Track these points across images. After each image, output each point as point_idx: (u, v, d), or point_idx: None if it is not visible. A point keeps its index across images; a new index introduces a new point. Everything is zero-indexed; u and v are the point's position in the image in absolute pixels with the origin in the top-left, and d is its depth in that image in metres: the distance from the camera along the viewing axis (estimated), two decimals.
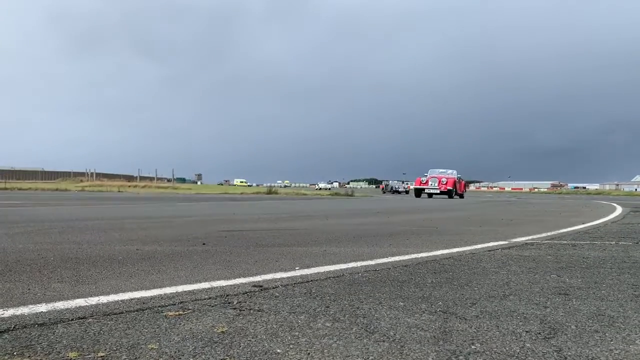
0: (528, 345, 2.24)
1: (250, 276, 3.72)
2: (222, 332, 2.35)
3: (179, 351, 2.08)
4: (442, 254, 5.12)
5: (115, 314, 2.62)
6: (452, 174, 33.30)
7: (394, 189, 57.32)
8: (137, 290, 3.19)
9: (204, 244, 5.61)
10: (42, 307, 2.71)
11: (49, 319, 2.50)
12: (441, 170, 33.85)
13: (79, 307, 2.74)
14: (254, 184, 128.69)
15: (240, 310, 2.75)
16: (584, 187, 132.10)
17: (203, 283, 3.43)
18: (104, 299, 2.94)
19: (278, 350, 2.12)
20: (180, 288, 3.26)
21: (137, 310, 2.70)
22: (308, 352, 2.11)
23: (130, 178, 68.64)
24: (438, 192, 32.08)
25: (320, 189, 57.34)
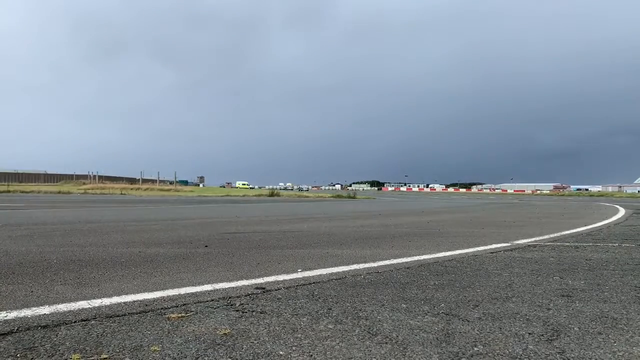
0: (531, 347, 2.24)
1: (253, 278, 3.72)
2: (225, 334, 2.35)
3: (181, 353, 2.09)
4: (444, 256, 5.11)
5: (118, 316, 2.63)
6: None
7: None
8: (139, 292, 3.19)
9: (206, 246, 5.62)
10: (45, 310, 2.71)
11: (52, 321, 2.51)
12: None
13: (82, 309, 2.75)
14: (256, 187, 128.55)
15: (242, 312, 2.75)
16: (587, 189, 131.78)
17: (206, 285, 3.44)
18: (106, 301, 2.94)
19: (281, 352, 2.12)
20: (183, 290, 3.27)
21: (140, 313, 2.70)
22: (311, 354, 2.11)
23: (132, 180, 68.82)
24: None
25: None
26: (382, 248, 5.74)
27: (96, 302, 2.90)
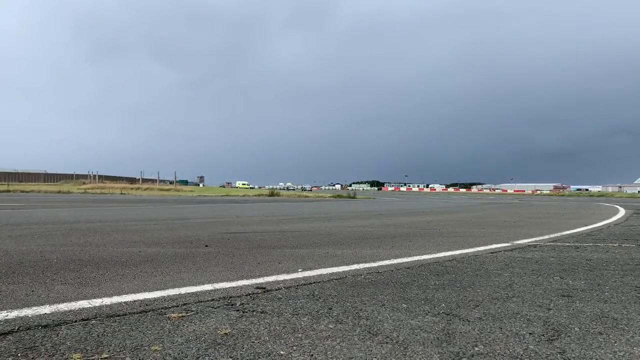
0: (531, 347, 2.24)
1: (253, 278, 3.72)
2: (226, 333, 2.35)
3: (182, 353, 2.09)
4: (444, 256, 5.11)
5: (118, 315, 2.63)
6: None
7: None
8: (140, 292, 3.19)
9: (206, 246, 5.62)
10: (46, 309, 2.72)
11: (53, 320, 2.51)
12: None
13: (83, 308, 2.75)
14: (256, 187, 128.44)
15: (243, 312, 2.76)
16: (587, 190, 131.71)
17: (206, 285, 3.44)
18: (107, 300, 2.94)
19: (281, 352, 2.12)
20: (184, 290, 3.27)
21: (140, 312, 2.70)
22: (311, 353, 2.11)
23: (132, 180, 68.87)
24: None
25: None
26: (383, 248, 5.75)
27: (97, 302, 2.90)
